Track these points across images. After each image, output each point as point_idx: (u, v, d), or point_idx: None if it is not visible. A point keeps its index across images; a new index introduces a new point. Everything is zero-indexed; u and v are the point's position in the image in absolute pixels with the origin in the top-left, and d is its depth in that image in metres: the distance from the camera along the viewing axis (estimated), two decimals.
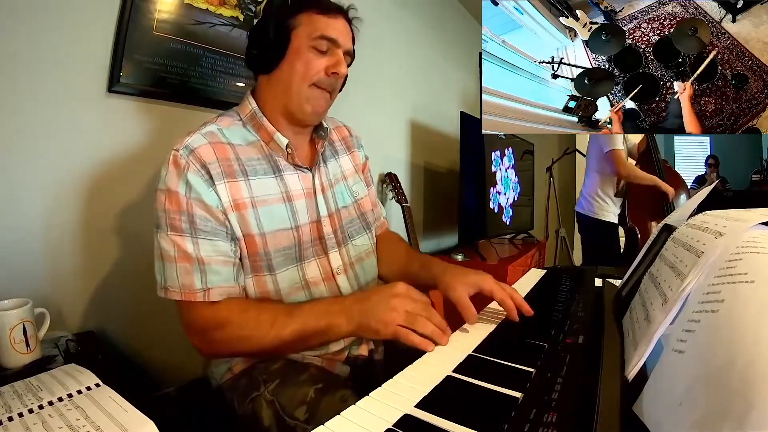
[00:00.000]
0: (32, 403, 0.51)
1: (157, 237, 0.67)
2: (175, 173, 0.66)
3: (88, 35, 0.94)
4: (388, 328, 0.58)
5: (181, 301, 0.66)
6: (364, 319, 0.60)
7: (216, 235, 0.67)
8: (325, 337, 0.64)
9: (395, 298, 0.60)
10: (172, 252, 0.65)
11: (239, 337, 0.65)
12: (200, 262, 0.65)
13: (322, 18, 0.73)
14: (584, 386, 0.40)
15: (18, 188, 0.86)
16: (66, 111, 0.92)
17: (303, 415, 0.61)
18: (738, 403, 0.22)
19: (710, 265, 0.34)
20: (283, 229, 0.73)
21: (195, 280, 0.65)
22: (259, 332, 0.64)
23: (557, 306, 0.70)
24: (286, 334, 0.63)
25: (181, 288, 0.65)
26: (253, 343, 0.65)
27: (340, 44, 0.74)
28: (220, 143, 0.71)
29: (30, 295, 0.75)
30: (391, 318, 0.58)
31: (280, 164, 0.76)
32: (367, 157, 0.97)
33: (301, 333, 0.63)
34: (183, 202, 0.65)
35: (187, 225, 0.65)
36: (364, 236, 0.88)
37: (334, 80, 0.76)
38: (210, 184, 0.66)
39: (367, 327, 0.60)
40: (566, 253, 3.54)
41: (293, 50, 0.73)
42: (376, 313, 0.59)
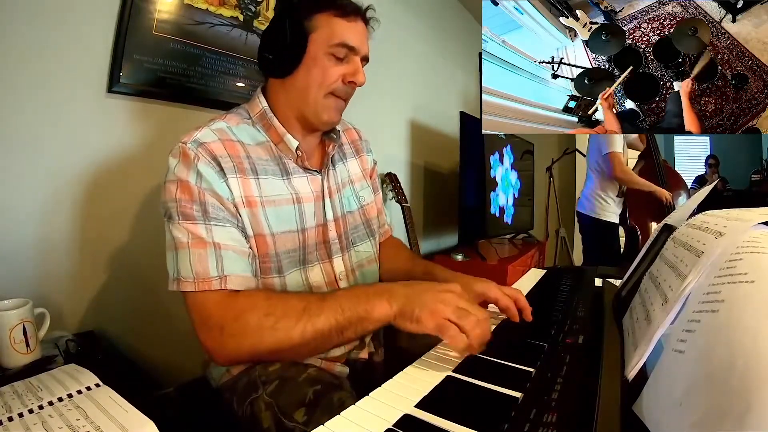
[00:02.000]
0: (32, 403, 0.51)
1: (169, 227, 0.64)
2: (184, 164, 0.64)
3: (88, 35, 0.94)
4: (433, 318, 0.52)
5: (194, 294, 0.61)
6: (408, 305, 0.54)
7: (229, 224, 0.64)
8: (364, 325, 0.56)
9: (449, 293, 0.55)
10: (186, 239, 0.61)
11: (263, 326, 0.57)
12: (216, 247, 0.61)
13: (340, 21, 0.70)
14: (584, 386, 0.40)
15: (18, 188, 0.86)
16: (66, 111, 0.92)
17: (302, 417, 0.60)
18: (737, 404, 0.22)
19: (710, 265, 0.34)
20: (289, 231, 0.72)
21: (210, 265, 0.60)
22: (288, 321, 0.57)
23: (557, 306, 0.70)
24: (321, 323, 0.56)
25: (195, 276, 0.60)
26: (280, 336, 0.57)
27: (358, 51, 0.72)
28: (230, 140, 0.69)
29: (30, 295, 0.75)
30: (440, 309, 0.52)
31: (288, 167, 0.74)
32: (375, 162, 0.97)
33: (338, 320, 0.56)
34: (195, 191, 0.63)
35: (200, 213, 0.62)
36: (367, 243, 0.87)
37: (351, 89, 0.74)
38: (221, 176, 0.64)
39: (410, 314, 0.53)
40: (566, 253, 3.54)
41: (310, 57, 0.70)
42: (423, 300, 0.54)
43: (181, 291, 0.62)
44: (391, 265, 0.91)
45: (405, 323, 0.54)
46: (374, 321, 0.56)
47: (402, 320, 0.55)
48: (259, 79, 1.27)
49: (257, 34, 1.26)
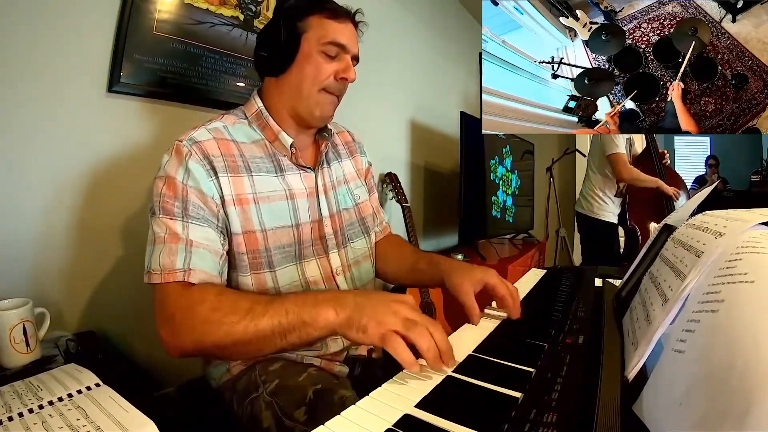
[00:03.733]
0: (32, 403, 0.51)
1: (151, 223, 0.66)
2: (175, 160, 0.66)
3: (88, 35, 0.94)
4: (378, 328, 0.49)
5: (159, 286, 0.61)
6: (356, 315, 0.52)
7: (207, 223, 0.66)
8: (308, 331, 0.54)
9: (399, 304, 0.53)
10: (162, 234, 0.63)
11: (209, 320, 0.56)
12: (188, 244, 0.63)
13: (331, 23, 0.74)
14: (584, 386, 0.40)
15: (18, 188, 0.86)
16: (66, 111, 0.92)
17: (302, 417, 0.61)
18: (738, 403, 0.22)
19: (710, 265, 0.34)
20: (283, 226, 0.73)
21: (177, 259, 0.61)
22: (233, 318, 0.55)
23: (557, 306, 0.70)
24: (263, 324, 0.55)
25: (162, 269, 0.61)
26: (222, 332, 0.55)
27: (348, 50, 0.75)
28: (224, 139, 0.71)
29: (30, 295, 0.75)
30: (387, 320, 0.50)
31: (283, 164, 0.76)
32: (370, 164, 0.98)
33: (281, 322, 0.55)
34: (179, 188, 0.65)
35: (180, 210, 0.64)
36: (362, 240, 0.88)
37: (343, 85, 0.77)
38: (210, 175, 0.66)
39: (357, 323, 0.51)
40: (566, 253, 3.54)
41: (303, 54, 0.73)
42: (372, 310, 0.52)
43: (150, 283, 0.62)
44: (395, 260, 0.92)
45: (351, 332, 0.52)
46: (319, 328, 0.54)
47: (348, 329, 0.52)
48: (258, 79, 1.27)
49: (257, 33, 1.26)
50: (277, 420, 0.63)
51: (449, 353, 0.49)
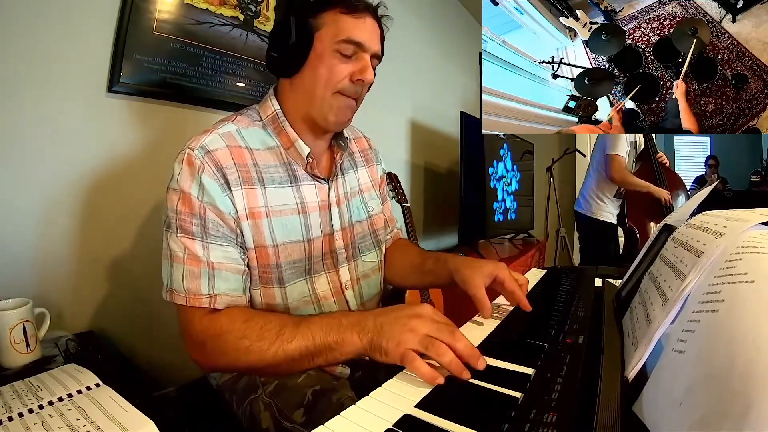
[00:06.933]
0: (32, 403, 0.51)
1: (167, 237, 0.64)
2: (188, 173, 0.62)
3: (88, 35, 0.94)
4: (398, 349, 0.49)
5: (184, 307, 0.62)
6: (377, 337, 0.52)
7: (227, 241, 0.64)
8: (334, 354, 0.55)
9: (416, 319, 0.52)
10: (181, 254, 0.62)
11: (239, 348, 0.58)
12: (210, 267, 0.62)
13: (347, 18, 0.68)
14: (584, 386, 0.40)
15: (18, 188, 0.86)
16: (66, 111, 0.92)
17: (301, 418, 0.60)
18: (738, 403, 0.22)
19: (710, 265, 0.34)
20: (295, 241, 0.71)
21: (202, 284, 0.61)
22: (262, 344, 0.57)
23: (557, 306, 0.70)
24: (292, 348, 0.56)
25: (186, 292, 0.61)
26: (253, 358, 0.57)
27: (366, 48, 0.70)
28: (237, 147, 0.67)
29: (30, 295, 0.75)
30: (405, 339, 0.50)
31: (297, 174, 0.73)
32: (384, 171, 0.96)
33: (308, 347, 0.56)
34: (195, 204, 0.62)
35: (199, 228, 0.62)
36: (373, 253, 0.86)
37: (360, 87, 0.71)
38: (224, 189, 0.64)
39: (378, 346, 0.51)
40: (566, 253, 3.54)
41: (316, 55, 0.68)
42: (391, 331, 0.51)
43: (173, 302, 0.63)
44: (402, 262, 0.90)
45: (375, 355, 0.53)
46: (345, 353, 0.55)
47: (372, 352, 0.53)
48: (258, 79, 1.27)
49: (257, 33, 1.26)
50: (276, 421, 0.63)
51: (476, 357, 0.48)
